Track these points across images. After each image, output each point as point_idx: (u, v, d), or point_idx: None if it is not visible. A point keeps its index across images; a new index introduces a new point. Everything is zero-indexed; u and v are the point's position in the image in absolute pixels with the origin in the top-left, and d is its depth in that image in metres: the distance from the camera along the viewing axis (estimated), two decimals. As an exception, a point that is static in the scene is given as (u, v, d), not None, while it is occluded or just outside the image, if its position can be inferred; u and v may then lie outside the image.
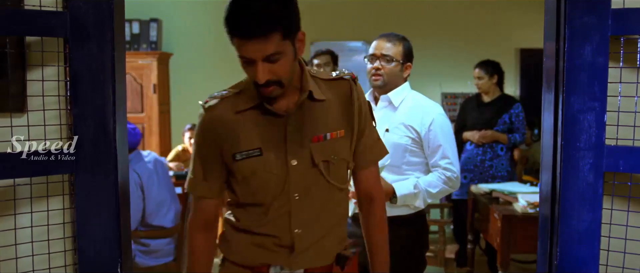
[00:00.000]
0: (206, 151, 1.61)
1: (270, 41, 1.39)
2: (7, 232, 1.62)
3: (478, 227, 4.08)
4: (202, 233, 1.67)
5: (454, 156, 2.40)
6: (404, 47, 2.46)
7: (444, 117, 2.45)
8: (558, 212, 1.66)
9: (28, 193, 1.63)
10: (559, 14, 1.64)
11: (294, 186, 1.55)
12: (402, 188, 2.34)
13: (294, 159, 1.54)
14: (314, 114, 1.57)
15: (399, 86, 2.46)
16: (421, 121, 2.39)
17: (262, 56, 1.41)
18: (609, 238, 1.63)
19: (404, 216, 2.39)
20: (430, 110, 2.43)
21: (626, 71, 1.61)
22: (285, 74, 1.46)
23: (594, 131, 1.60)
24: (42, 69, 1.63)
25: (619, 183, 1.62)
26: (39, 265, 1.65)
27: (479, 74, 4.37)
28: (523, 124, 4.34)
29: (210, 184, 1.62)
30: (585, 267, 1.64)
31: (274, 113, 1.54)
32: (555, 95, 1.66)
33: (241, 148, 1.55)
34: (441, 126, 2.40)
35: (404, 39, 2.49)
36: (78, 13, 1.61)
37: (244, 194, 1.60)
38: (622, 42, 1.59)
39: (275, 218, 1.58)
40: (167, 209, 3.56)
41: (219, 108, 1.60)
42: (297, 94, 1.56)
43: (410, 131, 2.40)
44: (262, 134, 1.55)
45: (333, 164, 1.58)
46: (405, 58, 2.47)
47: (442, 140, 2.38)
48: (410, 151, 2.40)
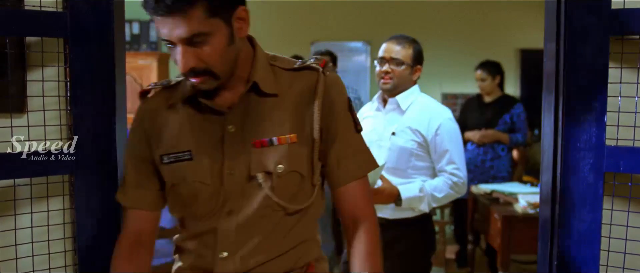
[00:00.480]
0: (139, 151, 1.34)
1: (190, 18, 1.11)
2: (7, 233, 1.62)
3: (478, 228, 4.08)
4: (126, 258, 1.33)
5: (461, 162, 2.38)
6: (414, 50, 2.45)
7: (452, 122, 2.43)
8: (558, 213, 1.65)
9: (28, 193, 1.63)
10: (559, 14, 1.64)
11: (230, 201, 1.26)
12: (407, 191, 2.32)
13: (231, 168, 1.25)
14: (261, 112, 1.27)
15: (408, 89, 2.45)
16: (428, 126, 2.37)
17: (181, 37, 1.13)
18: (610, 238, 1.63)
19: (409, 218, 2.39)
20: (438, 115, 2.40)
21: (626, 71, 1.60)
22: (215, 61, 1.17)
23: (595, 132, 1.60)
24: (42, 69, 1.63)
25: (620, 184, 1.62)
26: (39, 266, 1.65)
27: (482, 76, 4.36)
28: (525, 124, 4.34)
29: (144, 192, 1.35)
30: (585, 268, 1.63)
31: (213, 109, 1.26)
32: (556, 96, 1.66)
33: (169, 149, 1.28)
34: (449, 131, 2.38)
35: (414, 42, 2.49)
36: (78, 13, 1.61)
37: (174, 206, 1.35)
38: (623, 43, 1.59)
39: (202, 236, 1.31)
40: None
41: (155, 99, 1.34)
42: (243, 86, 1.27)
43: (417, 135, 2.38)
44: (197, 134, 1.27)
45: (279, 177, 1.25)
46: (415, 61, 2.46)
47: (449, 145, 2.36)
48: (416, 155, 2.38)
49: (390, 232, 2.37)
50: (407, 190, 2.32)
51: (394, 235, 2.39)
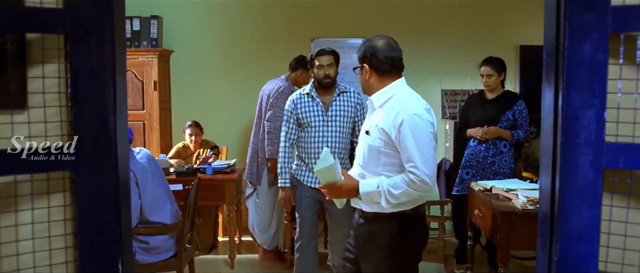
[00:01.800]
0: None
1: None
2: (9, 229, 1.62)
3: (478, 224, 4.09)
4: None
5: (420, 159, 2.32)
6: (358, 53, 2.56)
7: (417, 117, 2.36)
8: (558, 209, 1.66)
9: (29, 190, 1.63)
10: (558, 10, 1.64)
11: None
12: (365, 186, 2.41)
13: None
14: None
15: (381, 89, 2.50)
16: (392, 123, 2.38)
17: None
18: (609, 234, 1.63)
19: (390, 213, 2.44)
20: (403, 111, 2.37)
21: (626, 67, 1.61)
22: None
23: (594, 128, 1.60)
24: (42, 66, 1.63)
25: (619, 180, 1.62)
26: (40, 262, 1.65)
27: (489, 72, 4.33)
28: (526, 120, 4.34)
29: None
30: (584, 264, 1.64)
31: None
32: (555, 92, 1.66)
33: None
34: (411, 127, 2.34)
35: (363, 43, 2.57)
36: (78, 10, 1.61)
37: None
38: (622, 39, 1.59)
39: None
40: (162, 204, 3.57)
41: None
42: None
43: (382, 133, 2.41)
44: None
45: None
46: (359, 62, 2.56)
47: (408, 142, 2.33)
48: (384, 153, 2.42)
49: (373, 225, 2.50)
50: (365, 185, 2.41)
51: (373, 229, 2.51)
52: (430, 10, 6.00)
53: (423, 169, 2.31)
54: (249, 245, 5.32)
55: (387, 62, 2.48)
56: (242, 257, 5.09)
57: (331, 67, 3.87)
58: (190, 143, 5.29)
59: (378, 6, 5.95)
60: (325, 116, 3.81)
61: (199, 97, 6.03)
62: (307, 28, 5.96)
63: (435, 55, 5.97)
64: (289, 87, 4.73)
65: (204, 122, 5.39)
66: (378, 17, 5.96)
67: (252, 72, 5.83)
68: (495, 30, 6.03)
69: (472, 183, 4.08)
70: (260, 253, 5.07)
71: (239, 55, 6.03)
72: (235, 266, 4.82)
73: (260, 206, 4.93)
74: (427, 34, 5.91)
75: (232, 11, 6.00)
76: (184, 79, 6.04)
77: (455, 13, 6.01)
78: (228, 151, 5.74)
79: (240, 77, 5.98)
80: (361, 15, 5.94)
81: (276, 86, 4.74)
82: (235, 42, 6.03)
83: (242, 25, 6.02)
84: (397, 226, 2.45)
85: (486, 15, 6.03)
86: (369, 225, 2.52)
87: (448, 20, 6.01)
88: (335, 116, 3.82)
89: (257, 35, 6.01)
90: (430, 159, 2.35)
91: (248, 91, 5.59)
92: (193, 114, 5.56)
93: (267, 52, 5.88)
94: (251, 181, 4.91)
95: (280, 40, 5.88)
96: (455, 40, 5.94)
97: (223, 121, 5.99)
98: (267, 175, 4.81)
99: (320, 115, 3.81)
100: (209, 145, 5.32)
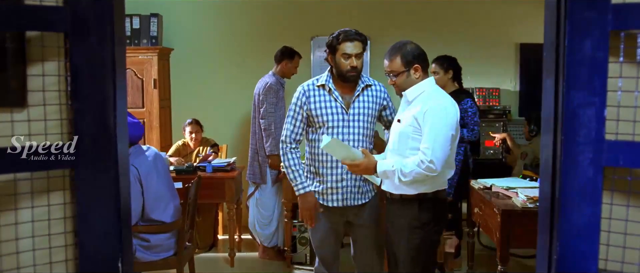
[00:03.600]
0: None
1: None
2: (8, 227, 1.62)
3: (478, 222, 4.09)
4: None
5: (434, 143, 2.59)
6: (402, 57, 2.75)
7: (442, 107, 2.66)
8: (558, 207, 1.66)
9: (29, 188, 1.63)
10: (559, 8, 1.64)
11: None
12: (382, 165, 2.71)
13: None
14: None
15: (416, 85, 2.77)
16: (421, 111, 2.67)
17: None
18: (609, 232, 1.63)
19: (412, 195, 2.75)
20: (431, 101, 2.69)
21: (626, 65, 1.60)
22: None
23: (594, 126, 1.60)
24: (42, 64, 1.63)
25: (619, 178, 1.62)
26: (40, 260, 1.65)
27: (435, 69, 4.39)
28: (473, 119, 4.29)
29: None
30: (584, 262, 1.64)
31: None
32: (555, 90, 1.66)
33: None
34: (433, 114, 2.64)
35: (401, 48, 2.77)
36: (78, 8, 1.61)
37: None
38: (622, 37, 1.59)
39: None
40: (165, 204, 3.57)
41: None
42: None
43: (413, 120, 2.70)
44: None
45: None
46: (407, 65, 2.75)
47: (428, 126, 2.63)
48: (413, 137, 2.71)
49: (398, 205, 2.81)
50: (383, 164, 2.72)
51: (398, 208, 2.82)
52: (430, 8, 5.99)
53: (432, 153, 2.59)
54: (248, 243, 5.33)
55: (427, 63, 2.85)
56: (242, 255, 5.10)
57: (359, 58, 3.01)
58: (190, 140, 5.29)
59: (378, 5, 5.95)
60: (346, 115, 3.05)
61: (199, 96, 6.03)
62: (306, 26, 5.95)
63: (434, 53, 5.95)
64: (276, 82, 4.78)
65: (203, 120, 5.39)
66: (377, 16, 5.95)
67: (252, 70, 5.83)
68: (495, 28, 6.03)
69: (472, 182, 4.08)
70: (260, 251, 5.07)
71: (239, 53, 6.02)
72: (235, 264, 4.82)
73: (262, 203, 4.93)
74: (426, 32, 5.91)
75: (232, 9, 5.99)
76: (184, 77, 6.04)
77: (456, 10, 6.00)
78: (228, 149, 5.74)
79: (240, 76, 5.98)
80: (361, 14, 5.93)
81: (264, 82, 4.80)
82: (235, 41, 6.03)
83: (242, 23, 6.02)
84: (418, 206, 2.76)
85: (486, 13, 6.03)
86: (394, 205, 2.84)
87: (448, 18, 6.01)
88: (358, 114, 3.06)
89: (257, 33, 6.01)
90: (443, 145, 2.61)
91: (248, 89, 5.58)
92: (193, 112, 5.55)
93: (267, 50, 5.87)
94: (255, 181, 4.91)
95: (280, 38, 5.87)
96: (455, 38, 5.94)
97: (223, 119, 5.99)
98: (270, 173, 4.82)
99: (340, 114, 3.04)
100: (209, 143, 5.32)
